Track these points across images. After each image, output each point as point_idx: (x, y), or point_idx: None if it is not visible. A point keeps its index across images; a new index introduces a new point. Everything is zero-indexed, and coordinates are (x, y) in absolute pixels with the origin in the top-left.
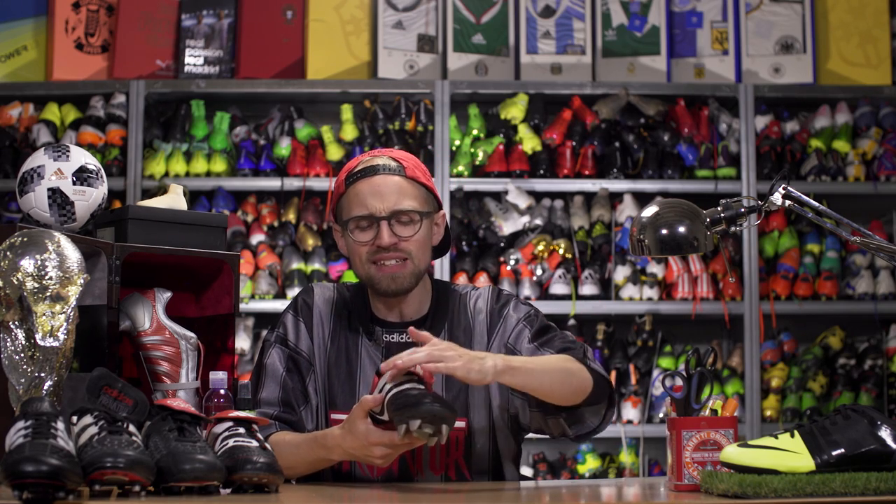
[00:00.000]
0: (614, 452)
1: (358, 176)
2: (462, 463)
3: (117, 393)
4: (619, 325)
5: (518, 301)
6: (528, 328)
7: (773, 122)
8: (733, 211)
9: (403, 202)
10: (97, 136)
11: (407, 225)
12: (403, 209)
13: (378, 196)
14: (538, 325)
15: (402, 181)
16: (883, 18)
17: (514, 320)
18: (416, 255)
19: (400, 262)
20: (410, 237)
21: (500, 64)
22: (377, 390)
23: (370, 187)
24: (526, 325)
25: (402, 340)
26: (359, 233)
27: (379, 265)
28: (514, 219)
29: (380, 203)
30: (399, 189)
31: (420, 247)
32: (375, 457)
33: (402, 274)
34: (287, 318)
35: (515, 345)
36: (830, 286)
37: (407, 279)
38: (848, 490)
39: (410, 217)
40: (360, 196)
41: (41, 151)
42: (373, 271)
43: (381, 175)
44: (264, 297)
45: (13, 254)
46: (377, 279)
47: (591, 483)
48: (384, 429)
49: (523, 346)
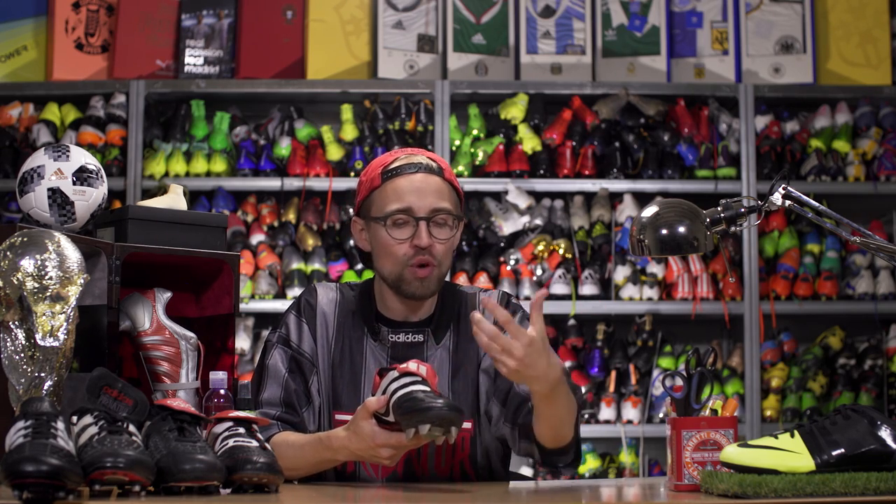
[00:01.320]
0: (614, 452)
1: (397, 171)
2: (467, 464)
3: (117, 393)
4: (619, 325)
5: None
6: None
7: (773, 122)
8: (733, 211)
9: (442, 203)
10: (97, 136)
11: (442, 227)
12: (442, 209)
13: (419, 193)
14: None
15: (441, 182)
16: (883, 18)
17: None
18: (443, 262)
19: (430, 267)
20: (446, 240)
21: (500, 64)
22: (380, 391)
23: (410, 184)
24: None
25: (407, 340)
26: (395, 229)
27: (414, 268)
28: (514, 219)
29: (420, 201)
30: (438, 189)
31: (447, 253)
32: (382, 458)
33: (429, 279)
34: (290, 318)
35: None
36: (830, 286)
37: (434, 284)
38: (848, 490)
39: (446, 219)
40: (400, 191)
41: (41, 151)
42: (407, 273)
43: (422, 174)
44: (264, 297)
45: (13, 254)
46: (408, 281)
47: (591, 483)
48: (390, 429)
49: None
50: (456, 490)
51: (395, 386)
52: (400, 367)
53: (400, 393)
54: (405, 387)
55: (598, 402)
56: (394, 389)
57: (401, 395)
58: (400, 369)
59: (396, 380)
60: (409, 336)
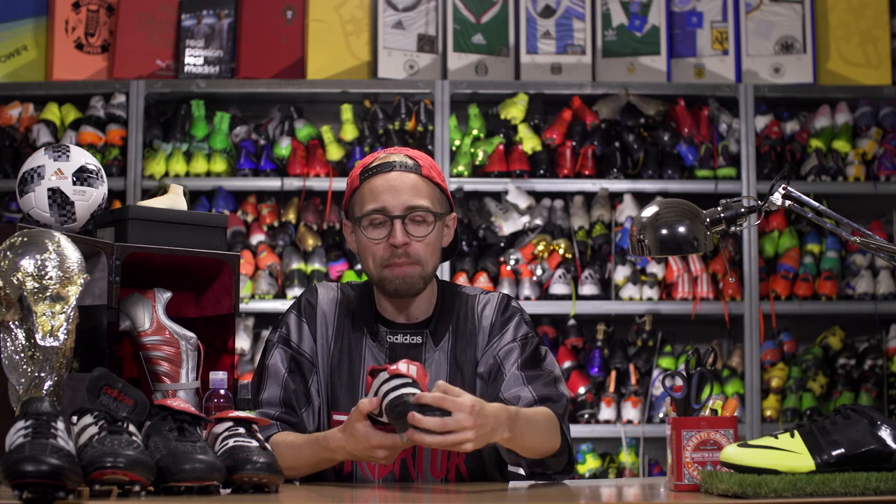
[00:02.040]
0: (614, 452)
1: (373, 171)
2: (463, 467)
3: (117, 393)
4: (619, 325)
5: (522, 318)
6: (519, 350)
7: (773, 122)
8: (733, 211)
9: (418, 200)
10: (97, 136)
11: (420, 224)
12: (417, 206)
13: (393, 192)
14: (529, 351)
15: (417, 179)
16: (883, 18)
17: (510, 336)
18: (426, 259)
19: (410, 265)
20: (423, 237)
21: (500, 64)
22: (371, 392)
23: (385, 183)
24: (519, 345)
25: (406, 341)
26: (372, 229)
27: (391, 266)
28: (514, 219)
29: (394, 199)
30: (414, 187)
31: (430, 250)
32: (378, 457)
33: (411, 277)
34: (290, 318)
35: (504, 360)
36: (830, 286)
37: (416, 282)
38: (848, 490)
39: (423, 217)
40: (375, 191)
41: (41, 151)
42: (385, 273)
43: (396, 171)
44: (264, 297)
45: (13, 254)
46: (388, 280)
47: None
48: (384, 430)
49: (509, 365)
50: (452, 490)
51: (385, 388)
52: (390, 369)
53: (391, 396)
54: (395, 389)
55: (598, 402)
56: (385, 392)
57: (392, 398)
58: (390, 370)
59: (387, 381)
60: (408, 337)
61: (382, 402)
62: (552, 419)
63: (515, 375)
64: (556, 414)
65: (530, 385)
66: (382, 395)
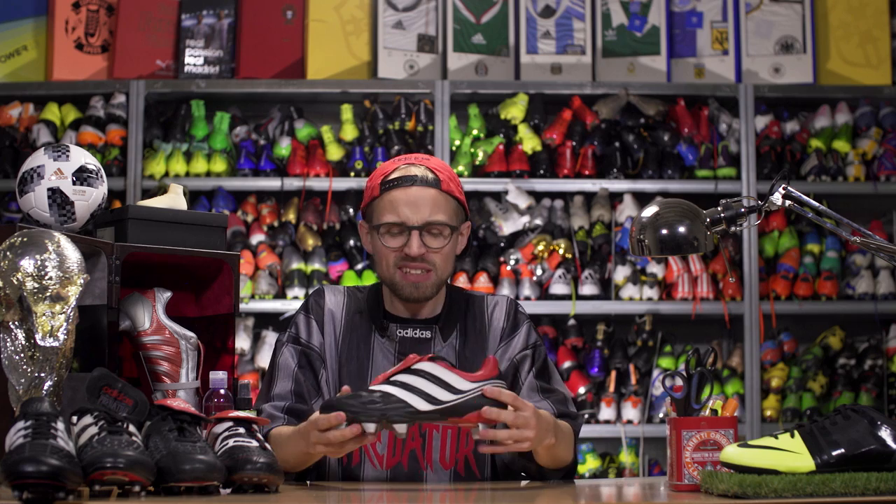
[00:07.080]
0: (614, 452)
1: (395, 183)
2: (471, 458)
3: (117, 393)
4: (619, 325)
5: (531, 325)
6: (533, 359)
7: (773, 122)
8: (733, 211)
9: (436, 215)
10: (97, 136)
11: (437, 237)
12: (435, 222)
13: (413, 206)
14: (541, 362)
15: (437, 194)
16: (883, 18)
17: (523, 341)
18: (441, 267)
19: (424, 272)
20: (439, 249)
21: (500, 64)
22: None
23: (406, 197)
24: (532, 353)
25: (415, 336)
26: (389, 238)
27: (404, 272)
28: (514, 219)
29: (414, 214)
30: (434, 202)
31: (445, 259)
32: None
33: (425, 283)
34: (299, 317)
35: (519, 366)
36: (830, 286)
37: (429, 288)
38: (848, 490)
39: (440, 230)
40: (395, 204)
41: (41, 151)
42: (397, 277)
43: (417, 186)
44: (264, 297)
45: (13, 254)
46: (400, 285)
47: (591, 483)
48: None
49: (524, 373)
50: (455, 489)
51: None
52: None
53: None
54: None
55: (598, 402)
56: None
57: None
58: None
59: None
60: (417, 332)
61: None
62: (572, 434)
63: (532, 384)
64: (574, 430)
65: (546, 397)
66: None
